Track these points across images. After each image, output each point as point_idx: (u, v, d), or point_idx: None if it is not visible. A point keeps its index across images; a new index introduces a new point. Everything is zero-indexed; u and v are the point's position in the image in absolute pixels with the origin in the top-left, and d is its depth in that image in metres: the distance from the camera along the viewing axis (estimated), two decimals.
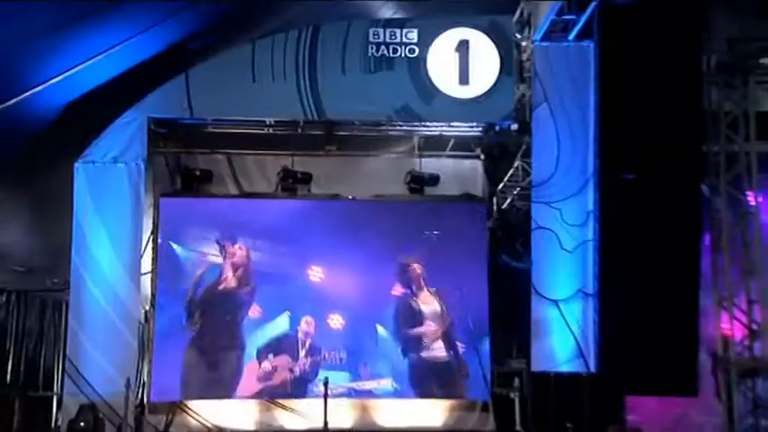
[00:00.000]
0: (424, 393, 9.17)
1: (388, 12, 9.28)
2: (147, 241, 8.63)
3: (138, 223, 8.39)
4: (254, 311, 8.91)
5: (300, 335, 8.90)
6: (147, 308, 8.57)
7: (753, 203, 8.42)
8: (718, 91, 8.15)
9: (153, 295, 8.59)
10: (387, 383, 9.03)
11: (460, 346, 9.29)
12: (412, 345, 9.17)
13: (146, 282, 8.62)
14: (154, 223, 8.64)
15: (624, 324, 7.68)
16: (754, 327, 8.05)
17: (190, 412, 8.61)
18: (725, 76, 8.19)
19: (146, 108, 8.33)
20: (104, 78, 7.64)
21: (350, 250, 9.15)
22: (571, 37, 8.21)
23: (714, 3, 8.01)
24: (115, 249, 8.16)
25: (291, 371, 8.77)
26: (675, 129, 7.80)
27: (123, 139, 8.28)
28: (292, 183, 9.00)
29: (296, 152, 9.29)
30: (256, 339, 8.80)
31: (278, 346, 8.89)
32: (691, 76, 7.81)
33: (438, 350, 9.24)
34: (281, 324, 8.94)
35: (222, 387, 8.83)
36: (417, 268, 9.15)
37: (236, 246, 8.94)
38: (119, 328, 8.05)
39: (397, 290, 9.28)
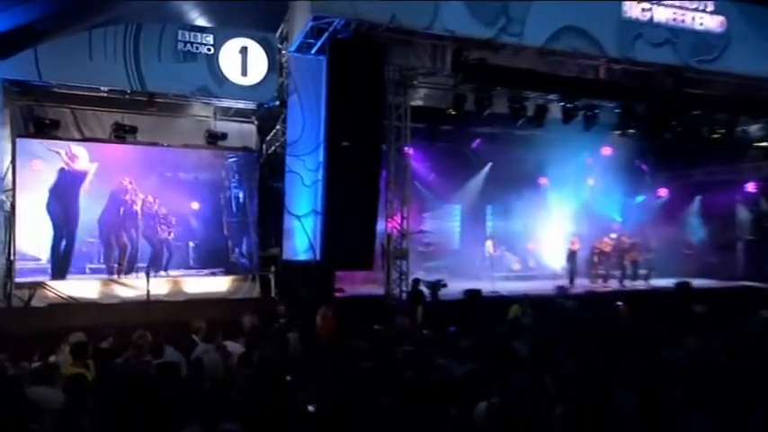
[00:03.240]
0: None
1: (192, 17, 9.98)
2: (8, 168, 8.97)
3: None
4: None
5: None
6: (10, 215, 8.93)
7: (408, 156, 10.91)
8: (392, 93, 10.31)
9: (13, 206, 8.89)
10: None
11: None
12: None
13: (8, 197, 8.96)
14: (12, 155, 8.95)
15: (336, 229, 9.42)
16: (403, 231, 10.65)
17: (48, 287, 9.18)
18: (395, 86, 10.33)
19: (2, 71, 8.55)
20: None
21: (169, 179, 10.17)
22: (312, 52, 9.59)
23: (393, 45, 9.80)
24: None
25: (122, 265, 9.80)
26: (370, 114, 9.56)
27: None
28: (122, 133, 9.55)
29: (125, 111, 9.77)
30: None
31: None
32: (378, 84, 9.64)
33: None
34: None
35: (74, 267, 9.50)
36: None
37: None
38: None
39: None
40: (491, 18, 9.89)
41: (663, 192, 17.42)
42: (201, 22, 10.13)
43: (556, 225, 16.54)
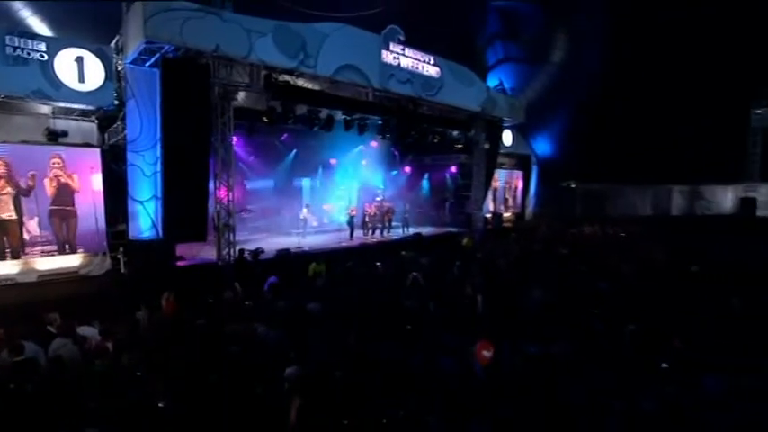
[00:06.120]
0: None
1: (22, 16, 8.47)
2: None
3: None
4: None
5: None
6: None
7: (232, 146, 10.51)
8: (218, 100, 9.81)
9: None
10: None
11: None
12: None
13: None
14: None
15: (174, 211, 9.10)
16: (229, 210, 10.12)
17: None
18: (220, 97, 9.80)
19: None
20: None
21: None
22: (147, 65, 9.10)
23: (217, 65, 9.54)
24: None
25: None
26: (198, 117, 9.26)
27: None
28: None
29: None
30: None
31: None
32: (205, 94, 9.42)
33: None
34: None
35: None
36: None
37: None
38: None
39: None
40: (293, 53, 10.61)
41: (407, 169, 20.53)
42: (34, 23, 8.66)
43: (342, 191, 18.35)
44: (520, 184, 22.00)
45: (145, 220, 9.54)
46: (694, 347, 4.55)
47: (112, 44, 9.42)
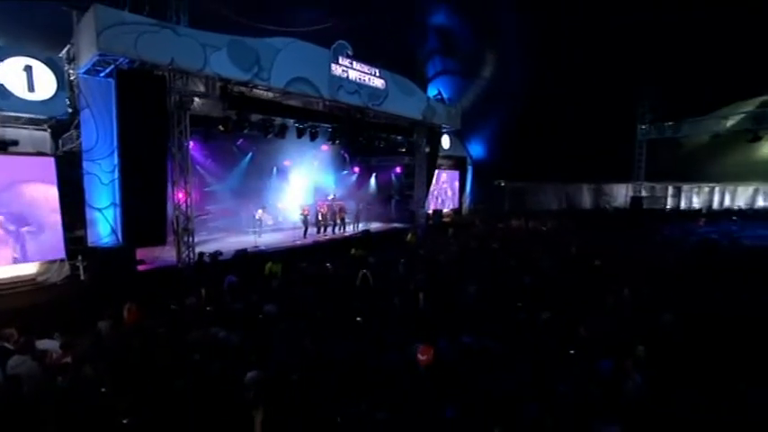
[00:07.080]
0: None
1: None
2: None
3: None
4: None
5: None
6: None
7: (189, 152, 10.10)
8: (175, 108, 9.37)
9: None
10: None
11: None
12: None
13: None
14: None
15: (133, 217, 8.92)
16: (188, 214, 9.83)
17: None
18: (177, 106, 9.42)
19: None
20: None
21: None
22: (102, 75, 8.65)
23: (173, 76, 9.23)
24: None
25: None
26: (155, 126, 8.84)
27: None
28: None
29: None
30: None
31: None
32: (161, 103, 8.98)
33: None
34: None
35: None
36: None
37: None
38: None
39: None
40: (247, 67, 10.44)
41: (356, 170, 20.77)
42: None
43: (295, 190, 18.15)
44: (457, 183, 22.99)
45: (104, 226, 9.14)
46: (595, 335, 4.95)
47: (63, 53, 8.87)
